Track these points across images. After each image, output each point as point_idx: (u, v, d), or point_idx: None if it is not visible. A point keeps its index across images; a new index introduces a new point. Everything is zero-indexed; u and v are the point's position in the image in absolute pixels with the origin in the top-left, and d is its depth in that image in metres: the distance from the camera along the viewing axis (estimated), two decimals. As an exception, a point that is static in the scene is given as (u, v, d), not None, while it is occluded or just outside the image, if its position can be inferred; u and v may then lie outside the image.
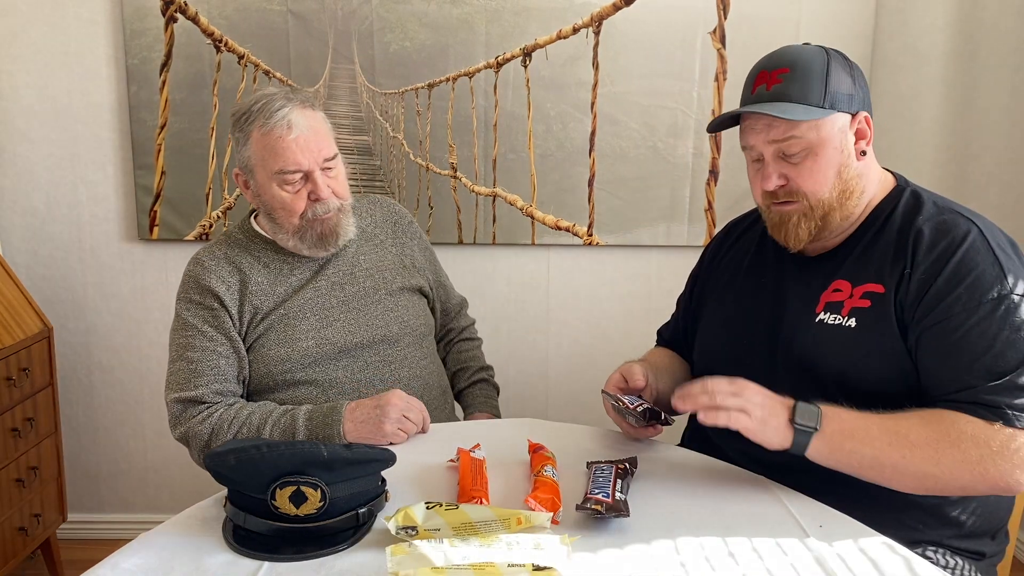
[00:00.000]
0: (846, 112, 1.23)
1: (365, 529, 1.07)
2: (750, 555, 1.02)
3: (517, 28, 2.28)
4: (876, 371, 1.21)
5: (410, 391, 1.54)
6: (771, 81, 1.23)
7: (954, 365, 1.15)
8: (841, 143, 1.23)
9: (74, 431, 2.53)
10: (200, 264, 1.53)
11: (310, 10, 2.27)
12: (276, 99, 1.47)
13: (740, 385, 1.16)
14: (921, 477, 1.13)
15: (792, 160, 1.24)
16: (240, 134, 1.49)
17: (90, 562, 1.01)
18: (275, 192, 1.48)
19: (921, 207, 1.25)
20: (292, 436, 1.40)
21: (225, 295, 1.49)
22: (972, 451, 1.11)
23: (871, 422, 1.14)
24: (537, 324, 2.48)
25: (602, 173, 2.37)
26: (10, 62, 2.31)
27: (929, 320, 1.17)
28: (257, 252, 1.56)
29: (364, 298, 1.58)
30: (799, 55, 1.23)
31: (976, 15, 2.25)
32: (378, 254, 1.64)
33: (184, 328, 1.50)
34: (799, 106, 1.20)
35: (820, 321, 1.26)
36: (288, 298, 1.53)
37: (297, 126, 1.45)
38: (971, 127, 2.29)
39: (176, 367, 1.48)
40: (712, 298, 1.48)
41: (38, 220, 2.41)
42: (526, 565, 0.89)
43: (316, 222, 1.50)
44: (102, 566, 1.00)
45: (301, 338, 1.51)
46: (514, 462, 1.28)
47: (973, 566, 1.26)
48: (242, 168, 1.52)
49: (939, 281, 1.17)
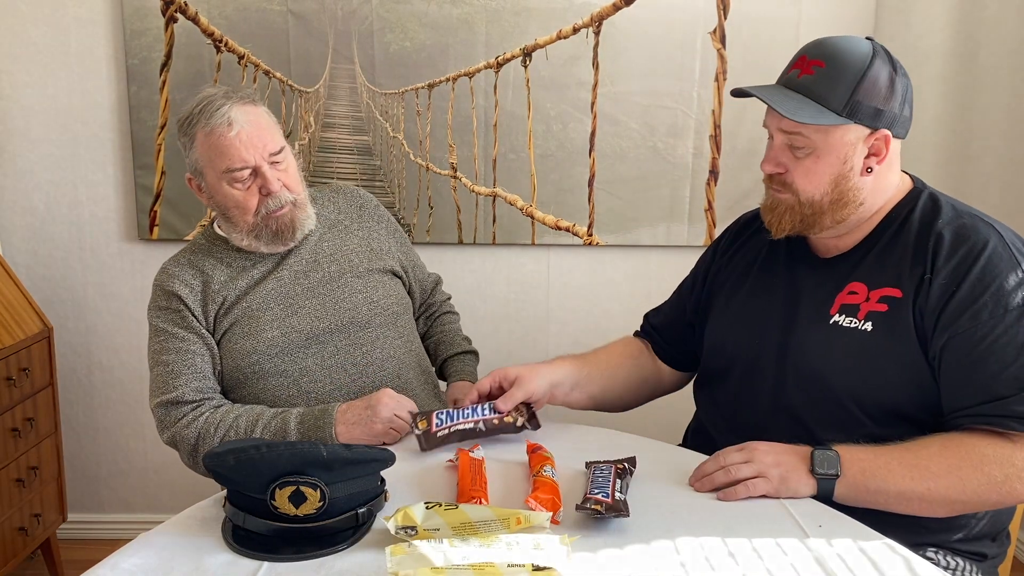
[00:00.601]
0: (865, 126, 1.19)
1: (365, 529, 1.07)
2: (750, 555, 1.02)
3: (517, 28, 2.28)
4: (890, 379, 1.19)
5: (383, 372, 1.56)
6: (804, 70, 1.20)
7: (981, 375, 1.14)
8: (846, 155, 1.20)
9: (74, 431, 2.53)
10: (165, 272, 1.55)
11: (310, 10, 2.27)
12: (216, 99, 1.46)
13: (749, 450, 1.16)
14: (950, 504, 1.13)
15: (796, 153, 1.23)
16: (185, 138, 1.50)
17: (90, 562, 1.01)
18: (226, 191, 1.48)
19: (940, 211, 1.23)
20: (284, 439, 1.40)
21: (188, 296, 1.50)
22: (996, 472, 1.10)
23: (890, 458, 1.13)
24: (537, 324, 2.48)
25: (602, 173, 2.37)
26: (10, 62, 2.31)
27: (954, 329, 1.15)
28: (219, 254, 1.57)
29: (329, 283, 1.57)
30: (842, 52, 1.19)
31: (976, 15, 2.25)
32: (342, 239, 1.63)
33: (157, 335, 1.51)
34: (813, 106, 1.18)
35: (834, 323, 1.24)
36: (250, 291, 1.53)
37: (237, 122, 1.45)
38: (971, 127, 2.29)
39: (155, 373, 1.50)
40: (722, 293, 1.45)
41: (38, 220, 2.41)
42: (526, 565, 0.89)
43: (271, 218, 1.49)
44: (102, 566, 1.00)
45: (266, 328, 1.51)
46: (513, 462, 1.27)
47: (975, 567, 1.26)
48: (192, 172, 1.53)
49: (962, 289, 1.15)
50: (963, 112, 2.28)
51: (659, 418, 2.46)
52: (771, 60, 2.30)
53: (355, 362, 1.55)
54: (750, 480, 1.14)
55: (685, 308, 1.53)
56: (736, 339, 1.39)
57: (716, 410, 1.43)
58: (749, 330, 1.36)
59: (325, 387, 1.52)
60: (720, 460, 1.17)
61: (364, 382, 1.54)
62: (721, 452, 1.19)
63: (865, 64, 1.18)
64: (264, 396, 1.51)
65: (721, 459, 1.17)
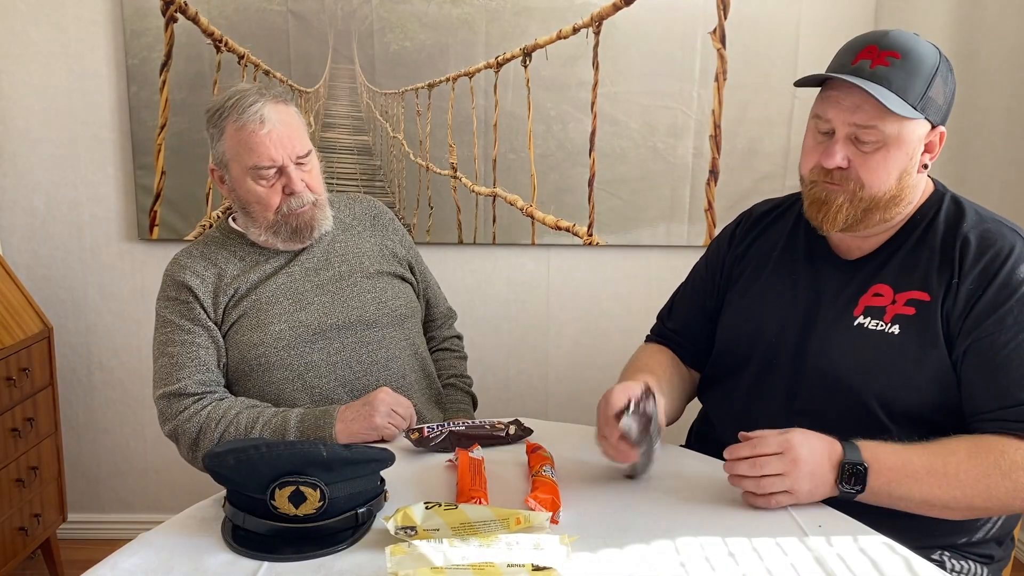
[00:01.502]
0: (932, 122, 1.19)
1: (364, 529, 1.07)
2: (750, 555, 1.02)
3: (517, 28, 2.28)
4: (916, 382, 1.18)
5: (388, 373, 1.57)
6: (877, 60, 1.16)
7: (1004, 380, 1.13)
8: (913, 150, 1.19)
9: (74, 431, 2.53)
10: (176, 263, 1.56)
11: (310, 10, 2.27)
12: (249, 94, 1.48)
13: (789, 459, 1.09)
14: (972, 510, 1.13)
15: (863, 148, 1.18)
16: (214, 129, 1.51)
17: (90, 562, 1.01)
18: (250, 187, 1.50)
19: (964, 215, 1.22)
20: (283, 437, 1.40)
21: (199, 288, 1.51)
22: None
23: (918, 465, 1.11)
24: (537, 324, 2.48)
25: (602, 173, 2.36)
26: (10, 62, 2.31)
27: (978, 333, 1.15)
28: (233, 247, 1.58)
29: (339, 281, 1.59)
30: (915, 46, 1.17)
31: (976, 15, 2.25)
32: (355, 241, 1.65)
33: (163, 326, 1.52)
34: (896, 98, 1.15)
35: (859, 326, 1.23)
36: (261, 284, 1.54)
37: (269, 121, 1.46)
38: (971, 127, 2.29)
39: (159, 364, 1.50)
40: (737, 286, 1.42)
41: (38, 220, 2.41)
42: (525, 565, 0.89)
43: (291, 216, 1.51)
44: (101, 566, 1.00)
45: (274, 321, 1.51)
46: (512, 462, 1.27)
47: (983, 569, 1.26)
48: (217, 163, 1.54)
49: (988, 293, 1.15)
50: (963, 112, 2.28)
51: (659, 418, 2.46)
52: (771, 60, 2.30)
53: (360, 360, 1.55)
54: (777, 496, 1.11)
55: (703, 304, 1.48)
56: (751, 335, 1.35)
57: (727, 406, 1.40)
58: (765, 327, 1.33)
59: (329, 383, 1.52)
60: (757, 467, 1.11)
61: (368, 380, 1.55)
62: (760, 444, 1.11)
63: (938, 60, 1.18)
64: (268, 389, 1.51)
65: (759, 466, 1.10)
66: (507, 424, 1.39)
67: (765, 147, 2.34)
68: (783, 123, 2.34)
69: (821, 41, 2.27)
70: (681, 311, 1.52)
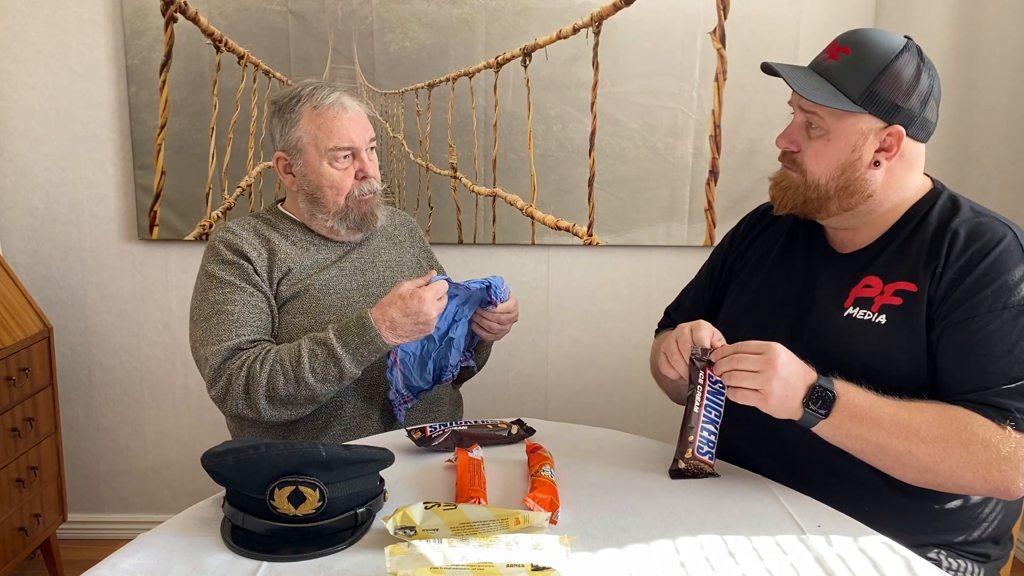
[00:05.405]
0: (880, 118, 1.20)
1: (364, 529, 1.07)
2: (750, 555, 1.02)
3: (517, 28, 2.28)
4: (901, 368, 1.20)
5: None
6: (831, 54, 1.24)
7: (971, 365, 1.15)
8: (855, 144, 1.22)
9: (74, 431, 2.53)
10: (230, 231, 1.59)
11: (310, 10, 2.27)
12: (324, 85, 1.58)
13: (766, 365, 1.13)
14: (922, 471, 1.13)
15: (811, 133, 1.25)
16: (289, 115, 1.56)
17: (90, 562, 1.01)
18: (325, 170, 1.56)
19: (958, 211, 1.24)
20: (336, 362, 1.43)
21: (256, 259, 1.55)
22: (980, 454, 1.11)
23: (885, 410, 1.14)
24: (537, 324, 2.48)
25: (602, 173, 2.36)
26: (10, 62, 2.31)
27: (953, 317, 1.17)
28: (284, 231, 1.63)
29: (382, 286, 1.65)
30: (870, 44, 1.21)
31: (976, 15, 2.25)
32: (397, 251, 1.73)
33: (220, 285, 1.52)
34: (829, 89, 1.20)
35: (848, 316, 1.25)
36: (314, 272, 1.59)
37: (350, 107, 1.57)
38: (971, 127, 2.29)
39: (215, 321, 1.49)
40: (736, 282, 1.46)
41: (38, 220, 2.41)
42: (525, 565, 0.89)
43: (361, 202, 1.58)
44: (101, 566, 1.00)
45: (324, 312, 1.56)
46: (512, 462, 1.28)
47: (979, 568, 1.26)
48: (287, 150, 1.58)
49: (968, 280, 1.16)
50: (963, 112, 2.28)
51: (659, 418, 2.46)
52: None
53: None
54: (745, 391, 1.15)
55: (704, 300, 1.54)
56: (748, 326, 1.37)
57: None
58: (762, 318, 1.37)
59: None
60: (735, 361, 1.16)
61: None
62: (744, 344, 1.17)
63: (890, 57, 1.19)
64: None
65: (737, 360, 1.16)
66: (509, 424, 1.39)
67: (765, 147, 2.34)
68: (783, 123, 2.28)
69: (821, 41, 2.23)
70: (686, 305, 1.59)
